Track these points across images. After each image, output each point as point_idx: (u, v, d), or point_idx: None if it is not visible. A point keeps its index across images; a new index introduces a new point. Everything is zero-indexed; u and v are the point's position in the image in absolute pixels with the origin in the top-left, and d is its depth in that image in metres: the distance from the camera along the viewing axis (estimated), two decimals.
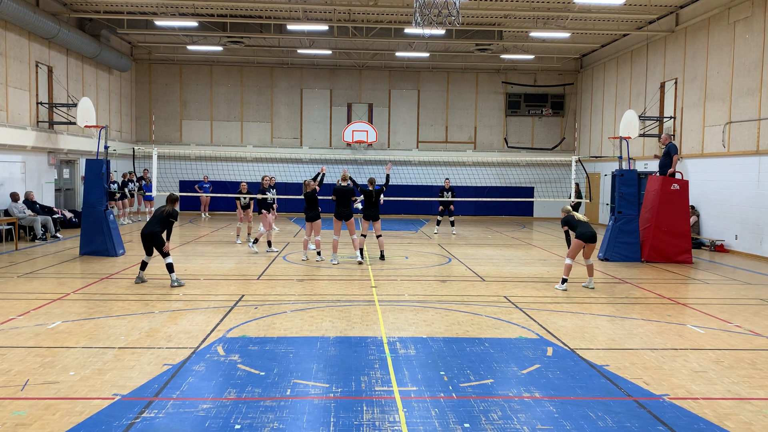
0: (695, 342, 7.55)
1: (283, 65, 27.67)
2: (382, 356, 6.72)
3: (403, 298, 9.88)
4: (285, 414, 5.14)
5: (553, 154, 27.87)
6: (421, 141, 28.33)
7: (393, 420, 5.05)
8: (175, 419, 4.99)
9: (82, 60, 21.81)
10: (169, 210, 10.47)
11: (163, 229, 10.46)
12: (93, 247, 13.87)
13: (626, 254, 14.39)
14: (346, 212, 13.29)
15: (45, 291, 9.93)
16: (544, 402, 5.51)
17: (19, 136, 17.45)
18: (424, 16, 11.83)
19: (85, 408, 5.17)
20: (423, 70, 28.08)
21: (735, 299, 10.33)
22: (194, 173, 25.52)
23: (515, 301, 9.80)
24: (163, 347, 6.91)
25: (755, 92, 15.61)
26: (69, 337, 7.23)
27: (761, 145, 15.35)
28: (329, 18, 21.35)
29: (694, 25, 18.53)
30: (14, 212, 16.00)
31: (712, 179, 17.45)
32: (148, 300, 9.39)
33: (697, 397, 5.67)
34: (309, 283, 11.17)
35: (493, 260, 14.48)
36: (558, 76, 28.18)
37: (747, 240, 15.93)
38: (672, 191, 14.33)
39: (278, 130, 28.01)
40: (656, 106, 20.66)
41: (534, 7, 19.07)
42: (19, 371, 6.03)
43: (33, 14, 17.20)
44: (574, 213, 10.98)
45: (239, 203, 16.72)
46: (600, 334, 7.86)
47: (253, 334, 7.51)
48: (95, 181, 14.07)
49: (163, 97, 27.64)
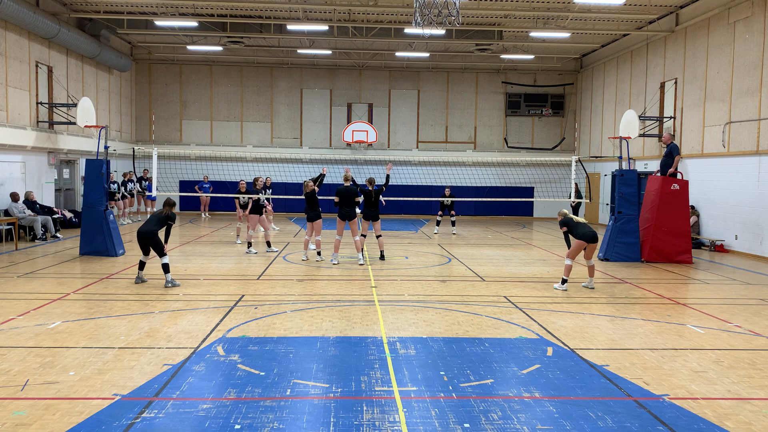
0: (695, 342, 7.55)
1: (283, 65, 27.67)
2: (382, 356, 6.72)
3: (403, 298, 9.88)
4: (285, 414, 5.14)
5: (553, 154, 27.87)
6: (421, 141, 28.33)
7: (393, 420, 5.05)
8: (175, 419, 4.99)
9: (82, 60, 21.81)
10: (167, 213, 10.58)
11: (160, 229, 10.52)
12: (93, 247, 13.87)
13: (626, 254, 14.39)
14: (351, 212, 13.28)
15: (45, 291, 9.93)
16: (544, 402, 5.51)
17: (19, 136, 17.45)
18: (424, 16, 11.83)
19: (85, 408, 5.17)
20: (423, 70, 28.08)
21: (735, 299, 10.33)
22: (194, 173, 25.53)
23: (515, 301, 9.80)
24: (163, 347, 6.91)
25: (755, 92, 15.61)
26: (69, 337, 7.23)
27: (761, 145, 15.35)
28: (329, 18, 21.34)
29: (694, 25, 18.53)
30: (14, 212, 16.00)
31: (712, 179, 17.45)
32: (148, 300, 9.39)
33: (697, 397, 5.67)
34: (309, 283, 11.17)
35: (493, 260, 14.48)
36: (558, 76, 28.18)
37: (747, 240, 15.93)
38: (672, 191, 14.33)
39: (278, 130, 28.01)
40: (656, 106, 20.66)
41: (534, 7, 19.07)
42: (19, 371, 6.03)
43: (33, 14, 17.20)
44: (572, 216, 11.00)
45: (238, 202, 16.76)
46: (600, 334, 7.86)
47: (253, 334, 7.51)
48: (95, 181, 14.08)
49: (163, 97, 27.64)
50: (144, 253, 10.67)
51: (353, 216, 13.34)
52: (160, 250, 10.42)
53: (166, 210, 10.62)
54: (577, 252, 10.73)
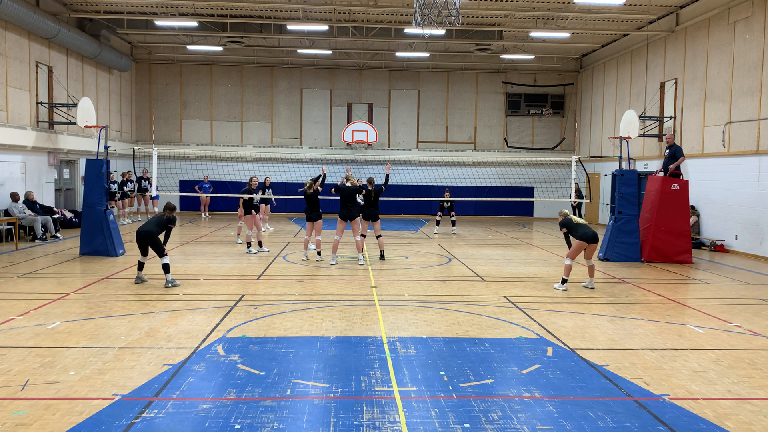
0: (695, 342, 7.55)
1: (283, 65, 27.67)
2: (382, 356, 6.72)
3: (403, 298, 9.88)
4: (285, 414, 5.13)
5: (553, 154, 27.87)
6: (421, 141, 28.33)
7: (393, 420, 5.05)
8: (175, 419, 4.98)
9: (82, 60, 21.81)
10: (168, 216, 10.62)
11: (160, 231, 10.54)
12: (93, 247, 13.87)
13: (626, 254, 14.39)
14: (353, 212, 13.26)
15: (45, 291, 9.93)
16: (544, 402, 5.51)
17: (19, 136, 17.45)
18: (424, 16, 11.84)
19: (85, 408, 5.17)
20: (423, 70, 28.08)
21: (735, 299, 10.33)
22: (194, 173, 25.53)
23: (515, 301, 9.80)
24: (163, 347, 6.91)
25: (755, 92, 15.61)
26: (69, 337, 7.23)
27: (761, 145, 15.34)
28: (329, 18, 21.35)
29: (694, 25, 18.53)
30: (14, 212, 16.00)
31: (712, 179, 17.45)
32: (148, 300, 9.39)
33: (697, 397, 5.67)
34: (309, 283, 11.17)
35: (493, 260, 14.48)
36: (558, 76, 28.18)
37: (747, 240, 15.93)
38: (672, 191, 14.33)
39: (278, 130, 28.01)
40: (656, 106, 20.66)
41: (534, 7, 19.07)
42: (19, 371, 6.03)
43: (33, 14, 17.20)
44: (572, 217, 11.00)
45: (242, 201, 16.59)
46: (600, 334, 7.86)
47: (253, 334, 7.51)
48: (95, 181, 14.08)
49: (163, 97, 27.64)
50: (143, 254, 10.68)
51: (355, 216, 13.33)
52: (160, 250, 10.42)
53: (166, 214, 10.65)
54: (578, 252, 10.73)
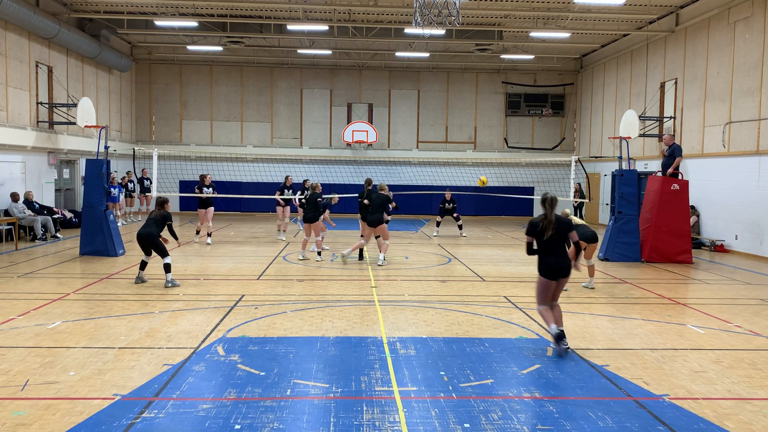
0: (695, 342, 7.55)
1: (283, 65, 27.66)
2: (382, 356, 6.72)
3: (403, 298, 9.88)
4: (285, 414, 5.13)
5: (553, 154, 27.87)
6: (421, 141, 28.33)
7: (393, 420, 5.05)
8: (175, 419, 4.98)
9: (82, 60, 21.81)
10: (163, 213, 10.58)
11: (161, 230, 10.52)
12: (93, 247, 13.87)
13: (626, 254, 14.39)
14: (380, 218, 13.07)
15: (45, 291, 9.93)
16: (544, 402, 5.51)
17: (19, 136, 17.45)
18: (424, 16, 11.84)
19: (85, 408, 5.17)
20: (423, 70, 28.08)
21: (735, 299, 10.32)
22: (194, 173, 25.49)
23: (515, 301, 9.80)
24: (163, 347, 6.91)
25: (755, 92, 15.61)
26: (69, 337, 7.23)
27: (761, 145, 15.34)
28: (329, 18, 21.35)
29: (694, 25, 18.52)
30: (14, 212, 16.00)
31: (712, 179, 17.44)
32: (148, 300, 9.39)
33: (697, 397, 5.67)
34: (309, 283, 11.17)
35: (493, 260, 14.48)
36: (558, 76, 28.18)
37: (747, 240, 15.93)
38: (672, 191, 14.33)
39: (278, 130, 28.00)
40: (656, 106, 20.66)
41: (534, 7, 19.07)
42: (19, 371, 6.03)
43: (33, 14, 17.20)
44: (572, 217, 10.99)
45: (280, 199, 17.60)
46: (600, 334, 7.86)
47: (253, 334, 7.51)
48: (95, 181, 14.08)
49: (163, 97, 27.64)
50: (146, 254, 10.68)
51: (382, 221, 13.20)
52: (162, 251, 10.41)
53: (160, 210, 10.61)
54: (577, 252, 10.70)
